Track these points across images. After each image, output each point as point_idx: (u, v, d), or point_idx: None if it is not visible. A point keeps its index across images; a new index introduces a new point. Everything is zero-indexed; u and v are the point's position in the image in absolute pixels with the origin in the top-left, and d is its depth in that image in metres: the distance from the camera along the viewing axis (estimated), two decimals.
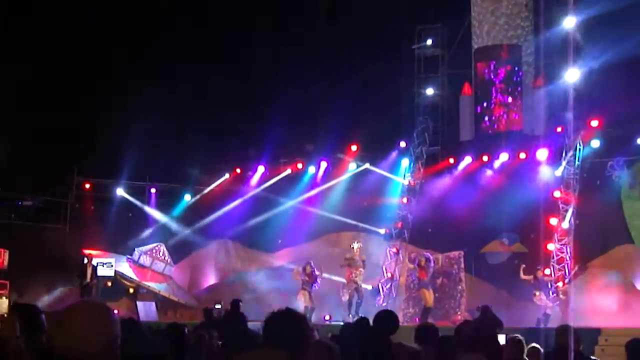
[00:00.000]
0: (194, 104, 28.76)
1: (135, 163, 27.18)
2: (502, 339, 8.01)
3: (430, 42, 27.08)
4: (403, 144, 26.63)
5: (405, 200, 26.00)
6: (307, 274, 21.72)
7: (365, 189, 27.19)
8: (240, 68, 28.86)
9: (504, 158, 25.06)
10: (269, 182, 28.36)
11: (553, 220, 22.83)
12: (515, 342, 7.68)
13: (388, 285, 25.04)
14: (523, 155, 24.63)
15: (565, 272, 22.51)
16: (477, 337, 5.20)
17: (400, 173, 26.63)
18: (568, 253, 22.70)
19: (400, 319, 15.01)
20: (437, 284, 22.74)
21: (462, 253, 23.42)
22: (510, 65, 25.97)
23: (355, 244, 22.54)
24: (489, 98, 26.16)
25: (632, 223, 23.24)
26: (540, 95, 25.58)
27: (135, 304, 23.93)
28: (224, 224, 28.30)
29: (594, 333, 16.89)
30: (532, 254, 22.59)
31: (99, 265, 24.50)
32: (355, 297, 22.04)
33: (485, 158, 25.41)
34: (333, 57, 28.47)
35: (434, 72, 27.19)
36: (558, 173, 23.48)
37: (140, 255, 26.99)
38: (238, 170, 28.89)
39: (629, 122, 23.26)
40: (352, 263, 22.29)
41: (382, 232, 26.04)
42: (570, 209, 23.01)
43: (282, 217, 27.66)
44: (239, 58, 28.97)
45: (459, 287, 22.93)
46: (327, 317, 23.20)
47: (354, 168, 27.32)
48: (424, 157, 26.36)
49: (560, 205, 22.99)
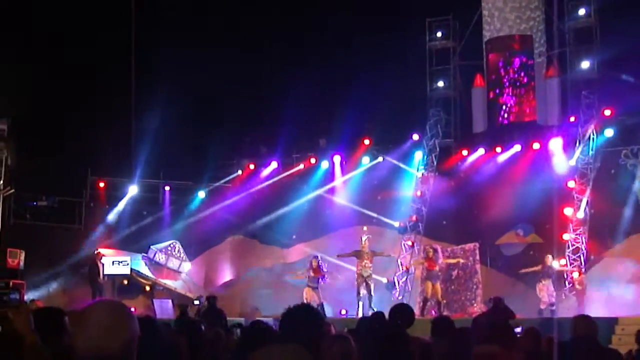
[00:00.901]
0: (207, 101, 28.80)
1: (149, 161, 27.26)
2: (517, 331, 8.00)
3: (441, 34, 27.05)
4: (416, 137, 26.57)
5: (419, 193, 25.97)
6: (313, 269, 21.38)
7: (379, 183, 27.17)
8: (253, 64, 28.86)
9: (518, 149, 24.98)
10: (282, 177, 28.38)
11: (568, 210, 22.77)
12: (532, 332, 7.67)
13: (404, 279, 25.03)
14: (537, 146, 24.54)
15: (581, 262, 22.47)
16: (491, 328, 5.19)
17: (414, 166, 26.60)
18: (583, 243, 22.66)
19: (416, 312, 15.04)
20: (452, 277, 22.71)
21: (477, 245, 23.36)
22: (523, 56, 25.87)
23: (364, 236, 22.19)
24: (502, 89, 26.08)
25: None
26: (553, 85, 25.50)
27: (152, 302, 24.01)
28: (238, 220, 28.36)
29: (611, 322, 16.84)
30: (547, 245, 22.56)
31: (115, 264, 24.60)
32: (363, 290, 21.52)
33: (499, 149, 25.34)
34: (344, 52, 28.45)
35: (446, 64, 27.15)
36: (572, 163, 23.43)
37: (156, 253, 27.06)
38: (251, 167, 28.93)
39: None
40: (358, 255, 21.79)
41: (396, 225, 26.02)
42: (585, 199, 22.95)
43: (295, 212, 27.69)
44: (251, 56, 29.00)
45: (475, 279, 22.88)
46: (342, 311, 23.21)
47: (368, 162, 27.29)
48: (437, 149, 26.33)
49: (575, 195, 22.93)
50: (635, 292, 22.10)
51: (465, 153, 26.05)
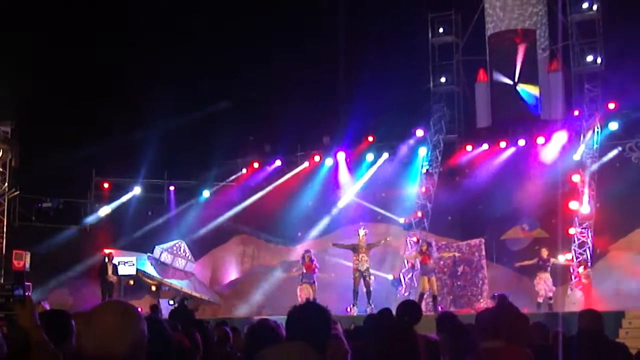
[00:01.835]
0: (210, 101, 28.80)
1: (153, 161, 27.29)
2: None
3: (443, 30, 27.01)
4: (420, 133, 26.53)
5: (424, 189, 25.95)
6: (306, 264, 21.05)
7: (384, 180, 27.16)
8: (256, 63, 28.86)
9: (522, 143, 24.95)
10: (287, 175, 28.39)
11: (573, 205, 22.73)
12: (539, 327, 7.66)
13: (409, 275, 25.02)
14: (541, 140, 24.50)
15: (587, 256, 22.43)
16: (496, 324, 5.17)
17: (418, 162, 26.58)
18: (589, 237, 22.62)
19: (423, 308, 15.02)
20: (459, 272, 22.69)
21: (482, 240, 23.30)
22: (526, 50, 25.79)
23: (361, 231, 21.70)
24: (505, 83, 26.00)
25: None
26: (557, 79, 25.43)
27: (158, 302, 24.02)
28: (243, 219, 28.37)
29: (618, 316, 16.81)
30: (553, 239, 22.52)
31: (121, 264, 24.62)
32: (362, 286, 21.13)
33: (503, 144, 25.31)
34: (347, 48, 28.39)
35: (449, 59, 27.12)
36: (577, 157, 23.36)
37: (161, 253, 27.06)
38: (255, 165, 28.93)
39: None
40: (354, 249, 21.23)
41: (401, 221, 25.99)
42: (590, 192, 22.91)
43: (300, 210, 27.68)
44: (254, 55, 29.00)
45: (481, 274, 22.85)
46: (349, 308, 23.19)
47: (372, 159, 27.26)
48: (442, 145, 26.31)
49: (580, 189, 22.88)
50: None
51: (470, 148, 26.02)
